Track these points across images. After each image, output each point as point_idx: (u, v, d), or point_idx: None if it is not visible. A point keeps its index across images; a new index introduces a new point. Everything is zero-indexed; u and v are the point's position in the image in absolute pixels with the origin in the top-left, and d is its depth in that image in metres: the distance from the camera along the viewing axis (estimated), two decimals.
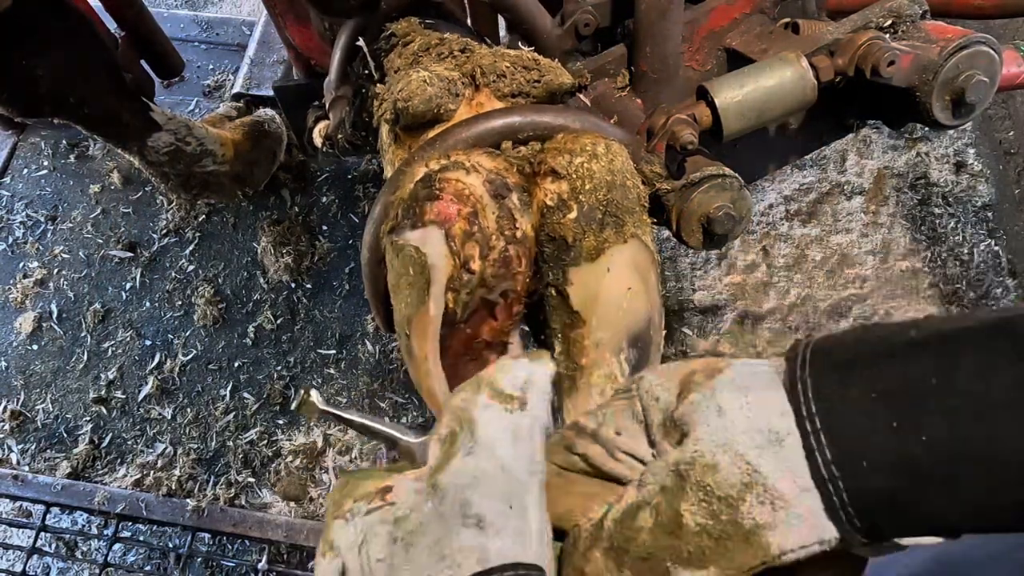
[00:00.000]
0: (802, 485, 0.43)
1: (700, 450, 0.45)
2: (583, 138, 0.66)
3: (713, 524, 0.44)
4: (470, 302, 0.62)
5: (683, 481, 0.45)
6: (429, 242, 0.60)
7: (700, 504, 0.44)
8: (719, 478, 0.44)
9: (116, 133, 1.48)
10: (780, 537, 0.43)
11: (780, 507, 0.43)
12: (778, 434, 0.44)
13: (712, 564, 0.44)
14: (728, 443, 0.44)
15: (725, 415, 0.45)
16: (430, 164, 0.65)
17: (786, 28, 0.90)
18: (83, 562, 1.77)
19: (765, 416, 0.44)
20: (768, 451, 0.44)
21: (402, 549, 0.45)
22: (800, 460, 0.43)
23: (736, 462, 0.44)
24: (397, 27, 0.83)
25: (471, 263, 0.61)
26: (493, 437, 0.46)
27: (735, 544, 0.44)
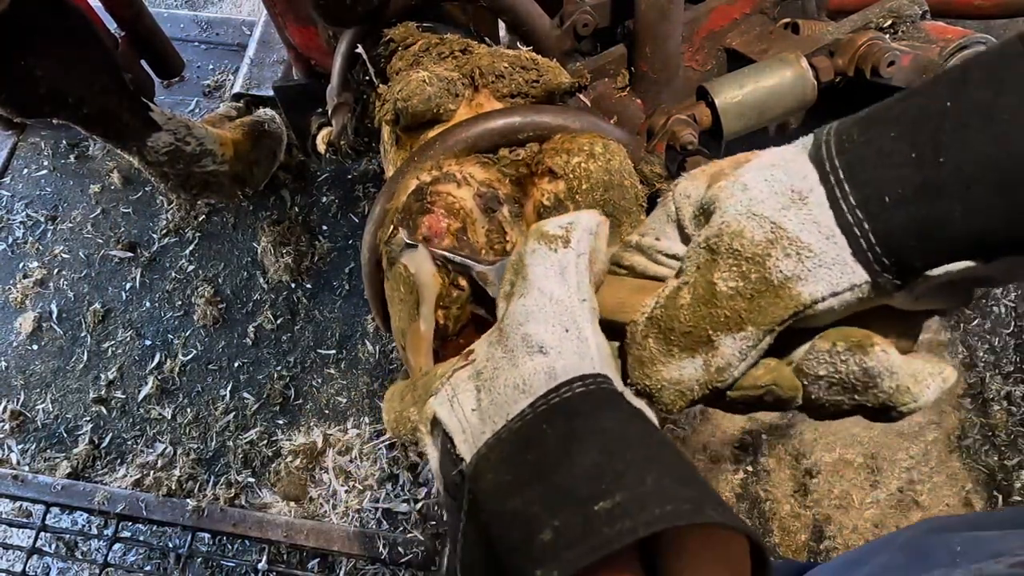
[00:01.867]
0: (827, 233, 0.43)
1: (726, 220, 0.46)
2: (581, 138, 0.66)
3: (744, 285, 0.45)
4: (462, 316, 0.62)
5: (714, 253, 0.47)
6: (418, 261, 0.61)
7: (731, 270, 0.46)
8: (744, 241, 0.45)
9: (116, 133, 1.48)
10: (810, 286, 0.44)
11: (807, 256, 0.44)
12: (800, 192, 0.45)
13: (748, 324, 0.45)
14: (752, 210, 0.46)
15: (749, 189, 0.47)
16: (422, 176, 0.65)
17: (786, 28, 0.90)
18: (83, 562, 1.77)
19: (788, 180, 0.46)
20: (791, 209, 0.45)
21: (487, 395, 0.47)
22: (825, 211, 0.44)
23: (761, 224, 0.45)
24: (395, 32, 0.83)
25: (460, 279, 0.61)
26: (541, 275, 0.49)
27: (767, 299, 0.45)
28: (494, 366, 0.48)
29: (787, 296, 0.44)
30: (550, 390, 0.44)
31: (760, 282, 0.45)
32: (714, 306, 0.46)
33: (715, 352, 0.47)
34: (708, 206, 0.49)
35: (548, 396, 0.44)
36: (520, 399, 0.45)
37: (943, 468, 1.73)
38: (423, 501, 1.72)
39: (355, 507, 1.73)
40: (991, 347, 1.83)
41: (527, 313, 0.48)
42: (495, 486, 0.43)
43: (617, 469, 0.39)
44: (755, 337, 0.46)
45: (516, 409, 0.45)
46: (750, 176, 0.47)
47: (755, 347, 0.46)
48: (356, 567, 1.69)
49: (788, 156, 0.47)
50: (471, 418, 0.47)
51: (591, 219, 0.52)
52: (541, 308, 0.48)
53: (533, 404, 0.45)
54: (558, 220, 0.52)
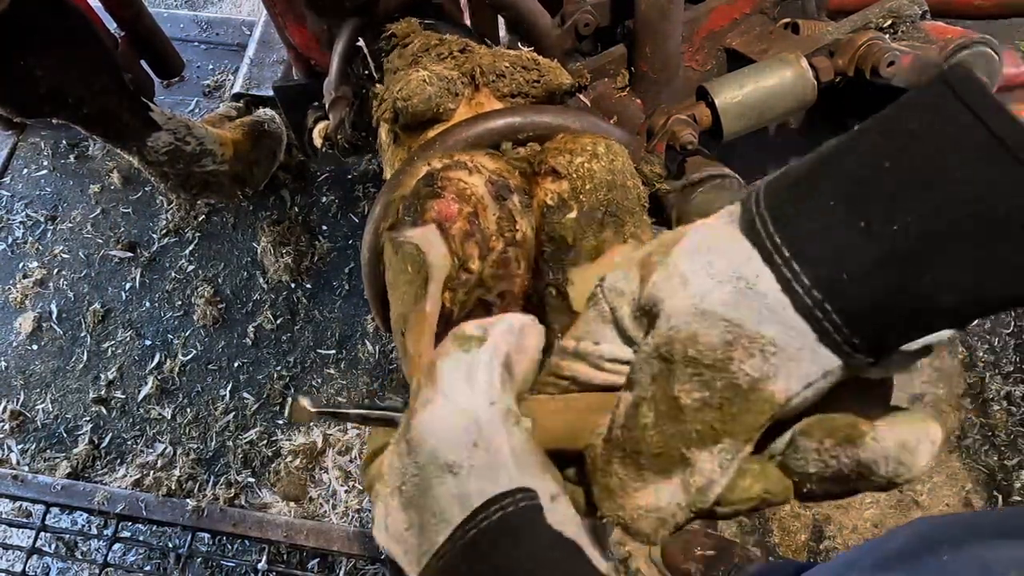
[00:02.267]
0: (788, 323, 0.39)
1: (674, 325, 0.42)
2: (583, 138, 0.66)
3: (710, 395, 0.41)
4: (467, 302, 0.62)
5: (669, 364, 0.42)
6: (429, 240, 0.60)
7: (692, 379, 0.41)
8: (700, 346, 0.41)
9: (116, 133, 1.48)
10: (781, 383, 0.40)
11: (771, 352, 0.39)
12: (747, 279, 0.40)
13: (724, 435, 0.41)
14: (699, 308, 0.41)
15: (690, 283, 0.42)
16: (433, 162, 0.65)
17: (786, 28, 0.90)
18: (83, 562, 1.77)
19: (730, 266, 0.41)
20: (742, 300, 0.40)
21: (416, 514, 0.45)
22: (779, 297, 0.39)
23: (714, 323, 0.40)
24: (397, 27, 0.83)
25: (470, 263, 0.61)
26: (448, 380, 0.45)
27: (738, 407, 0.41)
28: (413, 484, 0.45)
29: (760, 399, 0.40)
30: (466, 519, 0.42)
31: (727, 389, 0.41)
32: (682, 422, 0.42)
33: (693, 470, 0.43)
34: (649, 307, 0.44)
35: (465, 526, 0.42)
36: (441, 528, 0.43)
37: (943, 468, 1.73)
38: None
39: (355, 507, 1.73)
40: (991, 347, 1.84)
41: (432, 427, 0.44)
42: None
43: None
44: (733, 448, 0.42)
45: (439, 539, 0.43)
46: (686, 266, 0.42)
47: (735, 458, 0.42)
48: (356, 567, 1.69)
49: (721, 234, 0.42)
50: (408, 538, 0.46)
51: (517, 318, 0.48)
52: (445, 419, 0.44)
53: (451, 537, 0.43)
54: (481, 321, 0.48)
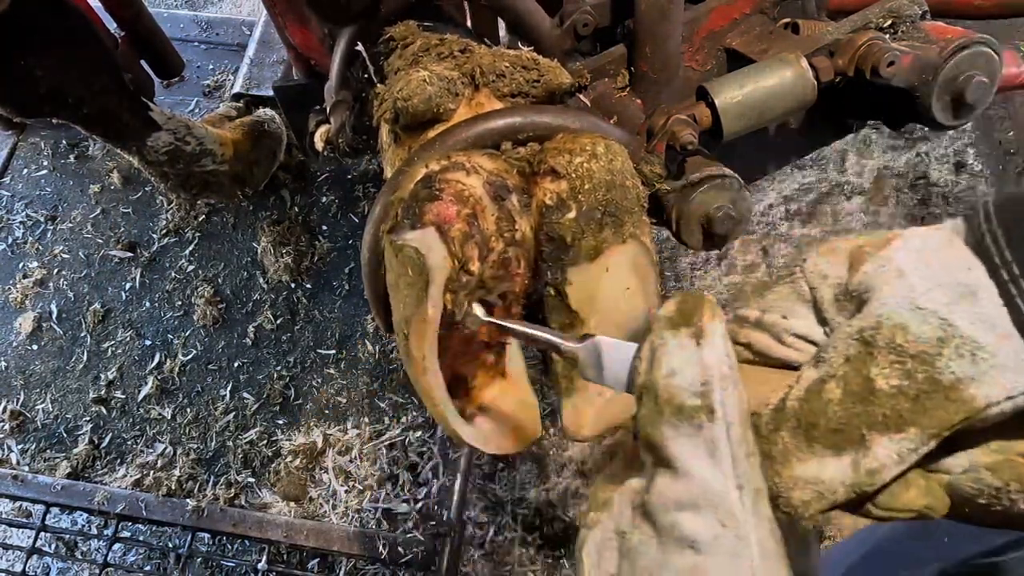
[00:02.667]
0: (1003, 333, 0.40)
1: (885, 312, 0.43)
2: (583, 138, 0.66)
3: (909, 384, 0.42)
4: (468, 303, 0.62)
5: (869, 347, 0.43)
6: (428, 243, 0.60)
7: (892, 366, 0.42)
8: (910, 336, 0.42)
9: (115, 133, 1.48)
10: (985, 388, 0.41)
11: (982, 358, 0.41)
12: (969, 286, 0.41)
13: (911, 425, 0.42)
14: (915, 302, 0.42)
15: (906, 277, 0.43)
16: (431, 164, 0.65)
17: (786, 28, 0.90)
18: (83, 562, 1.77)
19: (952, 272, 0.42)
20: (961, 305, 0.41)
21: (628, 568, 0.45)
22: (999, 309, 0.41)
23: (927, 318, 0.42)
24: (395, 31, 0.83)
25: (470, 265, 0.61)
26: (689, 458, 0.43)
27: (935, 401, 0.41)
28: (639, 539, 0.45)
29: (959, 399, 0.41)
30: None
31: (928, 382, 0.41)
32: (871, 403, 0.43)
33: (867, 452, 0.43)
34: (859, 292, 0.45)
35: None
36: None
37: None
38: (423, 501, 1.72)
39: (355, 507, 1.73)
40: None
41: (679, 500, 0.43)
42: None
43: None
44: (918, 440, 0.42)
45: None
46: (904, 262, 0.44)
47: (916, 451, 0.42)
48: (356, 567, 1.69)
49: (943, 241, 0.44)
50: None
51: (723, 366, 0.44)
52: (693, 497, 0.43)
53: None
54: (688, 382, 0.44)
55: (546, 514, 1.76)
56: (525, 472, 1.81)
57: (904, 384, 0.42)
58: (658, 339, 0.45)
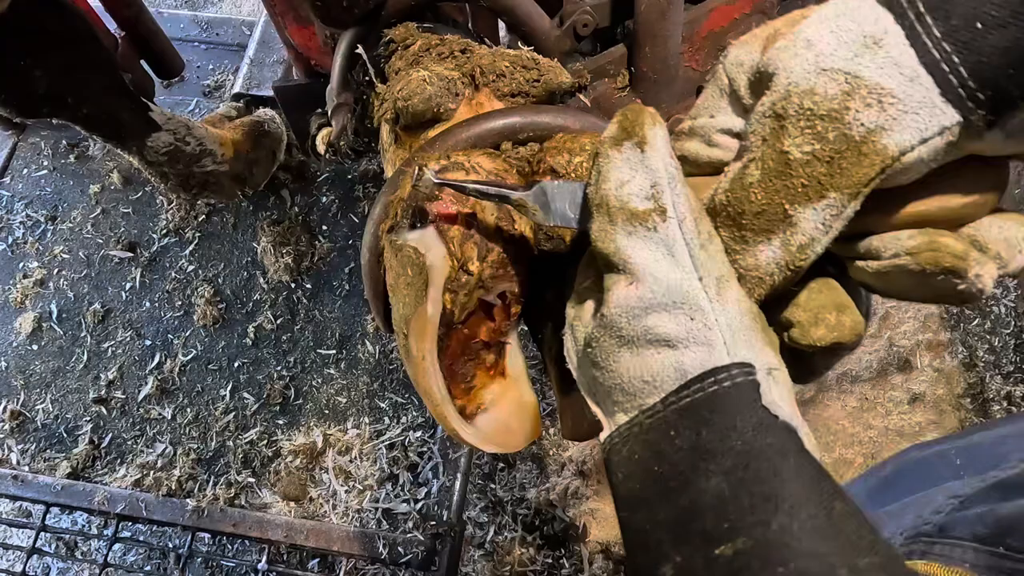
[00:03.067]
0: (910, 75, 0.39)
1: (792, 80, 0.42)
2: (583, 137, 0.66)
3: (821, 147, 0.41)
4: (468, 303, 0.62)
5: (781, 120, 0.42)
6: (427, 243, 0.60)
7: (804, 133, 0.41)
8: (817, 97, 0.41)
9: (115, 133, 1.48)
10: (896, 135, 0.39)
11: (889, 103, 0.39)
12: (875, 36, 0.40)
13: (830, 189, 0.41)
14: (820, 64, 0.41)
15: (814, 44, 0.42)
16: (430, 164, 0.65)
17: None
18: (83, 562, 1.77)
19: (858, 26, 0.41)
20: (866, 55, 0.40)
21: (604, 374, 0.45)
22: (905, 51, 0.39)
23: (834, 76, 0.40)
24: (395, 33, 0.83)
25: (469, 264, 0.61)
26: (648, 260, 0.43)
27: (849, 160, 0.40)
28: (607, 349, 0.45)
29: (872, 151, 0.40)
30: (680, 387, 0.42)
31: (840, 140, 0.40)
32: (788, 177, 0.42)
33: (794, 229, 0.42)
34: (767, 70, 0.44)
35: (679, 393, 0.42)
36: (651, 393, 0.43)
37: None
38: (423, 501, 1.72)
39: (355, 507, 1.73)
40: (991, 347, 1.83)
41: (644, 304, 0.43)
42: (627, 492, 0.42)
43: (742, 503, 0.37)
44: (839, 204, 0.41)
45: (648, 402, 0.43)
46: (812, 30, 0.42)
47: (839, 215, 0.41)
48: (356, 567, 1.69)
49: (852, 4, 0.42)
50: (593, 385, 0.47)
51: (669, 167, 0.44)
52: (657, 298, 0.43)
53: (664, 400, 0.42)
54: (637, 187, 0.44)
55: (546, 514, 1.76)
56: (525, 472, 1.81)
57: (817, 148, 0.41)
58: (604, 157, 0.46)
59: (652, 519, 0.39)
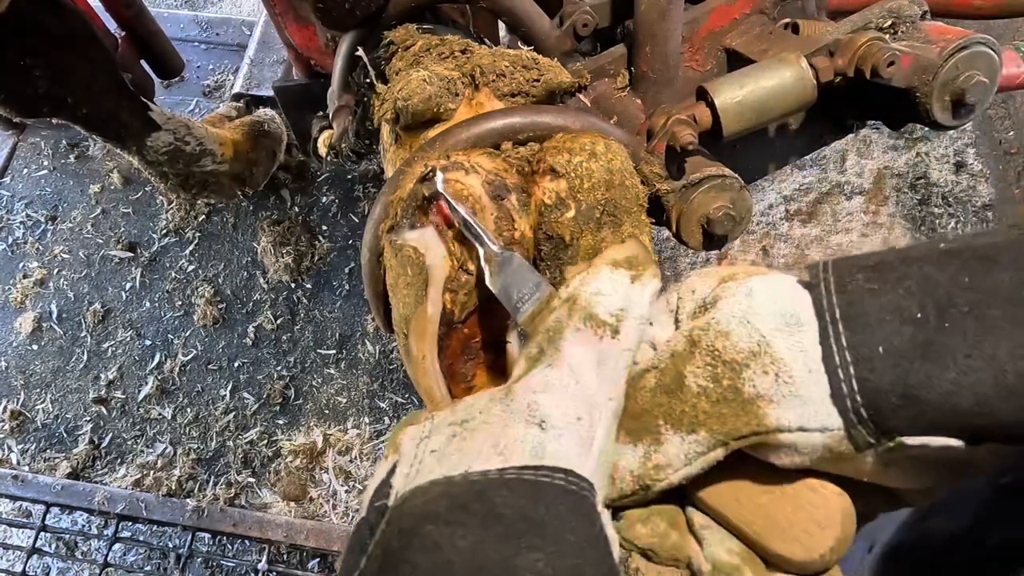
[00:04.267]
0: (811, 366, 0.42)
1: (717, 318, 0.45)
2: (582, 137, 0.66)
3: (713, 387, 0.43)
4: (468, 303, 0.62)
5: (693, 346, 0.45)
6: (427, 243, 0.60)
7: (705, 367, 0.44)
8: (729, 344, 0.43)
9: (115, 133, 1.48)
10: (780, 411, 0.42)
11: (785, 381, 0.42)
12: (799, 319, 0.43)
13: (703, 428, 0.43)
14: (748, 318, 0.44)
15: (753, 296, 0.45)
16: (430, 163, 0.65)
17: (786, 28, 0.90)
18: (83, 562, 1.77)
19: (790, 305, 0.44)
20: (784, 332, 0.43)
21: (458, 441, 0.44)
22: (814, 345, 0.42)
23: (751, 333, 0.43)
24: (395, 35, 0.83)
25: (469, 264, 0.61)
26: (578, 358, 0.45)
27: (731, 409, 0.42)
28: (484, 419, 0.44)
29: (752, 412, 0.42)
30: (528, 466, 0.41)
31: (730, 390, 0.43)
32: (676, 398, 0.44)
33: (659, 447, 0.44)
34: (709, 302, 0.47)
35: (523, 470, 0.41)
36: (492, 459, 0.42)
37: None
38: None
39: (355, 507, 1.73)
40: None
41: (547, 384, 0.45)
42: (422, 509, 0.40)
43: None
44: (706, 444, 0.43)
45: (482, 466, 0.41)
46: (758, 284, 0.46)
47: (702, 455, 0.43)
48: None
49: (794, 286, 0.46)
50: (427, 459, 0.44)
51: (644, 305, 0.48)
52: (564, 387, 0.44)
53: (503, 470, 0.41)
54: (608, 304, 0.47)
55: None
56: None
57: (709, 386, 0.43)
58: (596, 268, 0.49)
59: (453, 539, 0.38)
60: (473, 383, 0.67)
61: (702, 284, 0.49)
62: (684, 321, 0.48)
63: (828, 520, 0.44)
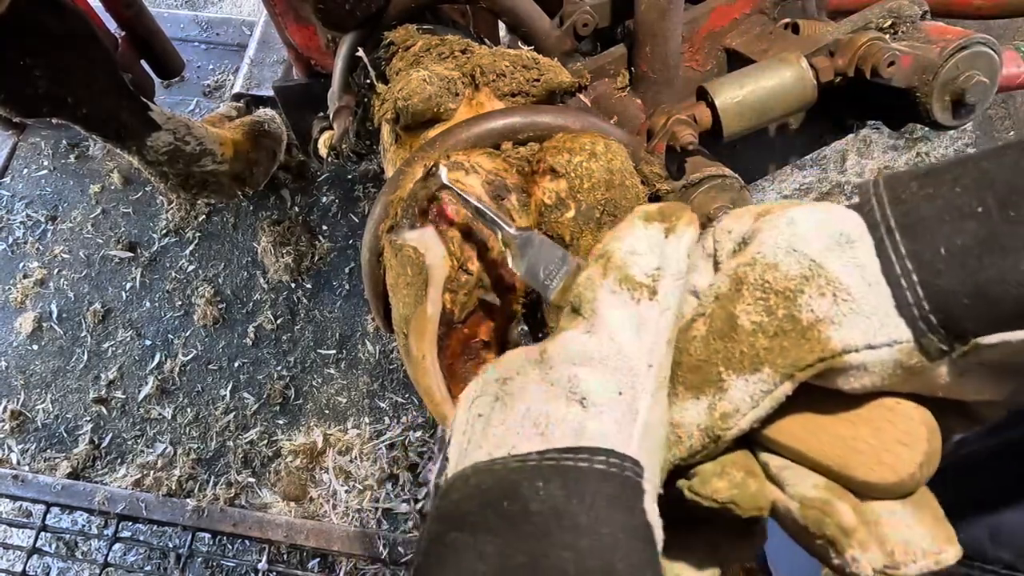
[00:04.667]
0: (871, 279, 0.40)
1: (762, 251, 0.43)
2: (582, 137, 0.66)
3: (768, 320, 0.41)
4: (468, 303, 0.62)
5: (739, 284, 0.43)
6: (427, 243, 0.60)
7: (756, 303, 0.42)
8: (778, 274, 0.41)
9: (115, 133, 1.48)
10: (843, 332, 0.40)
11: (843, 299, 0.40)
12: (849, 236, 0.41)
13: (765, 364, 0.41)
14: (793, 245, 0.42)
15: (796, 224, 0.43)
16: (430, 163, 0.65)
17: (786, 28, 0.90)
18: (83, 562, 1.77)
19: (838, 226, 0.42)
20: (836, 250, 0.41)
21: (500, 408, 0.43)
22: (871, 258, 0.40)
23: (799, 259, 0.41)
24: (395, 35, 0.84)
25: (469, 264, 0.61)
26: (616, 323, 0.43)
27: (791, 340, 0.40)
28: (522, 384, 0.43)
29: (814, 338, 0.40)
30: (568, 448, 0.40)
31: (787, 319, 0.41)
32: (731, 340, 0.42)
33: (723, 394, 0.42)
34: (748, 237, 0.45)
35: (563, 453, 0.40)
36: (533, 439, 0.41)
37: None
38: (423, 501, 1.72)
39: (355, 507, 1.73)
40: None
41: (587, 355, 0.42)
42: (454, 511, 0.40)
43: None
44: (771, 381, 0.41)
45: (523, 448, 0.40)
46: (799, 213, 0.43)
47: (769, 393, 0.41)
48: (356, 567, 1.69)
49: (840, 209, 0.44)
50: (475, 426, 0.44)
51: (682, 261, 0.45)
52: (604, 358, 0.42)
53: (543, 452, 0.40)
54: (645, 264, 0.44)
55: None
56: None
57: (764, 320, 0.41)
58: (629, 224, 0.46)
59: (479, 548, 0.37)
60: None
61: (738, 224, 0.47)
62: (725, 262, 0.46)
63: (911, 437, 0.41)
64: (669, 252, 0.45)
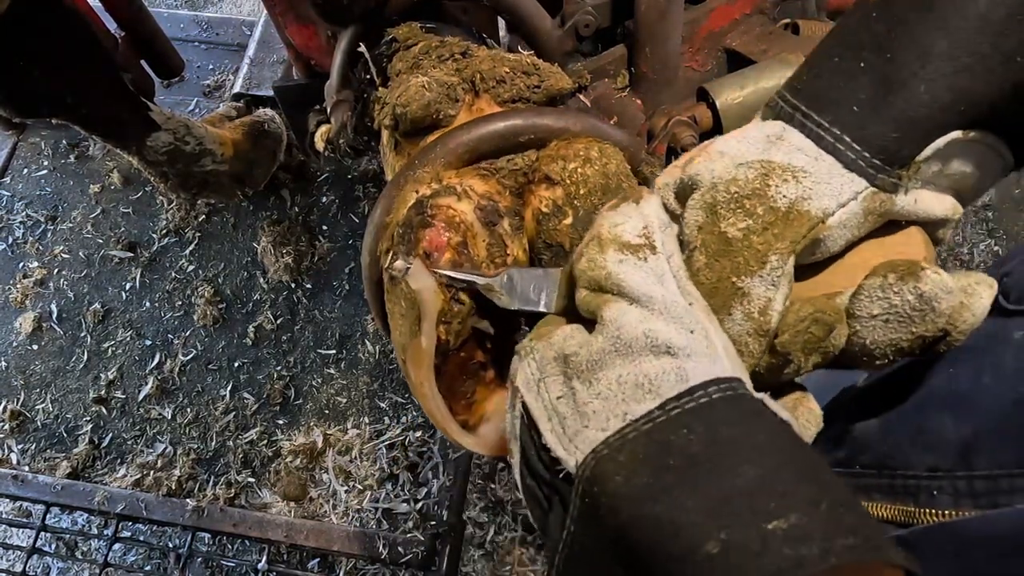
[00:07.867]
0: (813, 155, 0.46)
1: (717, 174, 0.48)
2: (576, 143, 0.66)
3: (753, 221, 0.46)
4: (463, 330, 0.62)
5: (713, 208, 0.47)
6: (418, 276, 0.60)
7: (736, 213, 0.46)
8: (740, 182, 0.46)
9: (115, 133, 1.48)
10: (815, 202, 0.45)
11: (803, 176, 0.46)
12: (776, 134, 0.48)
13: (769, 252, 0.45)
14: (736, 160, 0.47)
15: (726, 153, 0.48)
16: (421, 189, 0.64)
17: (786, 28, 0.90)
18: (83, 562, 1.77)
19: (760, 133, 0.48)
20: (772, 148, 0.47)
21: (583, 385, 0.45)
22: (804, 141, 0.47)
23: (750, 166, 0.47)
24: (398, 32, 0.83)
25: (461, 294, 0.61)
26: (642, 287, 0.46)
27: (780, 225, 0.45)
28: (590, 357, 0.45)
29: (797, 216, 0.45)
30: (682, 392, 0.41)
31: (768, 212, 0.46)
32: (731, 254, 0.46)
33: (748, 298, 0.46)
34: (691, 181, 0.49)
35: (681, 399, 0.41)
36: (645, 399, 0.42)
37: None
38: (423, 501, 1.72)
39: (355, 507, 1.73)
40: None
41: (643, 316, 0.45)
42: (631, 489, 0.39)
43: (782, 488, 0.37)
44: (780, 264, 0.45)
45: (640, 409, 0.42)
46: (722, 144, 0.49)
47: (783, 272, 0.45)
48: (356, 567, 1.69)
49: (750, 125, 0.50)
50: (559, 406, 0.45)
51: (658, 210, 0.50)
52: (658, 313, 0.45)
53: (663, 406, 0.41)
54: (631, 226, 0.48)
55: None
56: None
57: (750, 223, 0.46)
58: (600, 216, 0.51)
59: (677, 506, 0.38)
60: (474, 398, 0.67)
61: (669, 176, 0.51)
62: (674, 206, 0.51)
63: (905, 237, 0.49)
64: (646, 211, 0.49)
